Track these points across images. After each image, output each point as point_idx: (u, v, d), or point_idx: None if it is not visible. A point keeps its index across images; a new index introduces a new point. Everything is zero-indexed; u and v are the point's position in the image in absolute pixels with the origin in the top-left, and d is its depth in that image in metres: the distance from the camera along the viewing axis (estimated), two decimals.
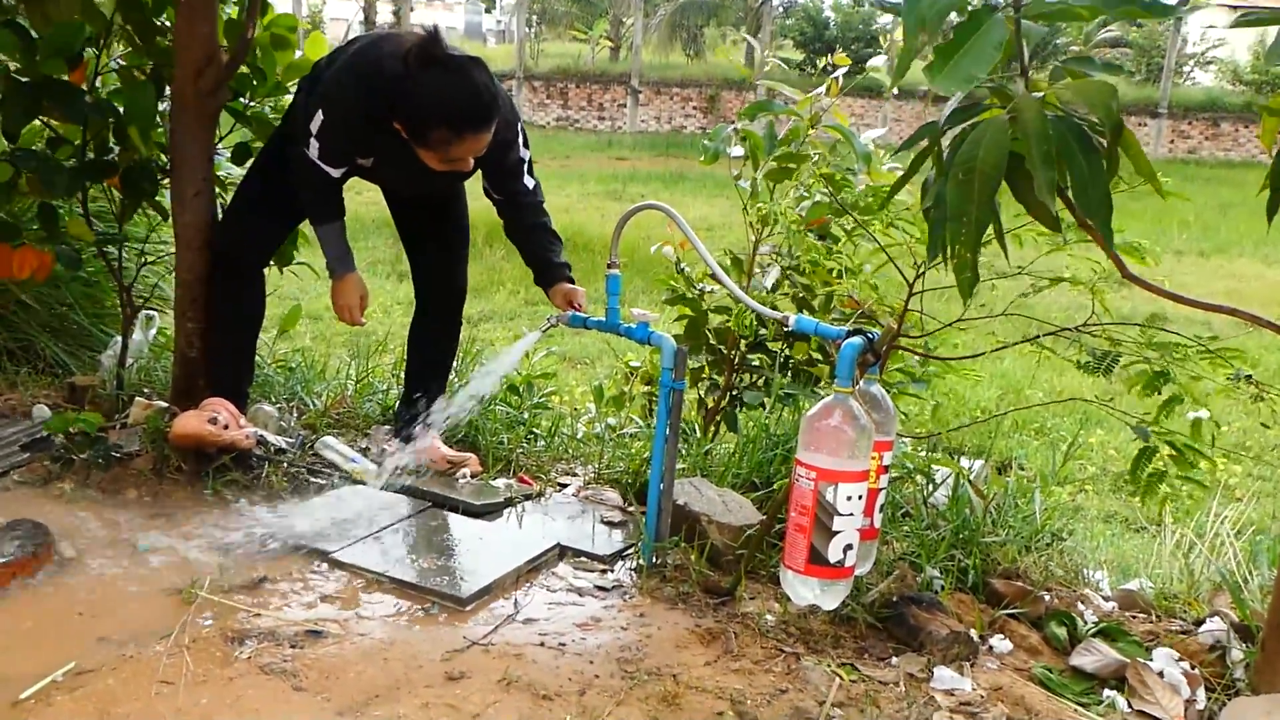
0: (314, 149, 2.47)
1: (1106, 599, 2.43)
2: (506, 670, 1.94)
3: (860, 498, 1.95)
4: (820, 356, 3.34)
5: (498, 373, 2.63)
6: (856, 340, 1.99)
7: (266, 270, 2.89)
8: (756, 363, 3.37)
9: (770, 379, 3.34)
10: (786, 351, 3.28)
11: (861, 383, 2.07)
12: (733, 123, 3.09)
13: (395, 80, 2.35)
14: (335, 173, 2.53)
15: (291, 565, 2.30)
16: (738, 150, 3.11)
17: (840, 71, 3.12)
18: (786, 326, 2.13)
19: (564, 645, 2.05)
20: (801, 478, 1.96)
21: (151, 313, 3.52)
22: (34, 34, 2.65)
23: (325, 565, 2.31)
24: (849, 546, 1.96)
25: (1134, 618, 2.36)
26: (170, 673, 1.86)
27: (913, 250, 2.36)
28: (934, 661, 2.08)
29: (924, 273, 2.31)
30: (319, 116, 2.44)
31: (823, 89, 3.11)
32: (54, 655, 1.89)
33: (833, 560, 1.96)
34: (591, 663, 1.99)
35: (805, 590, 2.01)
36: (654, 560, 2.37)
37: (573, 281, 2.76)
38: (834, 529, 1.94)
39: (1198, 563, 2.58)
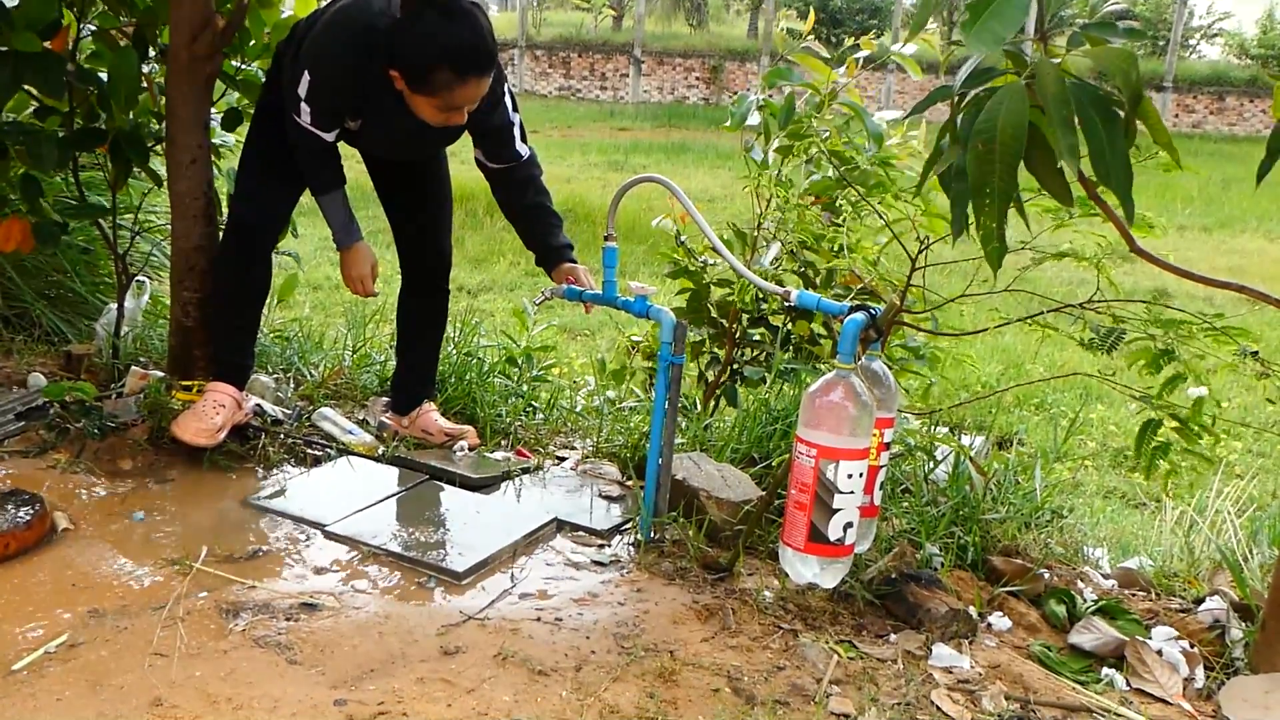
0: (305, 114, 2.43)
1: (1106, 577, 2.42)
2: (502, 645, 1.92)
3: (861, 475, 1.94)
4: (823, 332, 3.32)
5: None
6: (859, 316, 1.97)
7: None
8: (758, 337, 3.34)
9: (771, 354, 3.32)
10: (788, 327, 3.26)
11: (863, 359, 2.05)
12: (752, 92, 3.05)
13: (391, 28, 2.31)
14: (328, 136, 2.48)
15: (288, 537, 2.29)
16: (755, 118, 3.07)
17: (862, 55, 3.08)
18: (788, 301, 2.11)
19: (560, 620, 2.04)
20: (802, 455, 1.94)
21: (142, 280, 3.49)
22: (5, 4, 2.60)
23: (321, 538, 2.29)
24: (849, 524, 1.95)
25: (1133, 595, 2.36)
26: (164, 645, 1.84)
27: (916, 224, 2.33)
28: (932, 639, 2.07)
29: (927, 247, 2.28)
30: (305, 79, 2.40)
31: (842, 68, 3.07)
32: (47, 627, 1.88)
33: (833, 538, 1.94)
34: (588, 638, 1.98)
35: (804, 568, 1.99)
36: (652, 535, 2.36)
37: (575, 261, 2.71)
38: (834, 507, 1.92)
39: (1197, 540, 2.57)
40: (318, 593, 2.06)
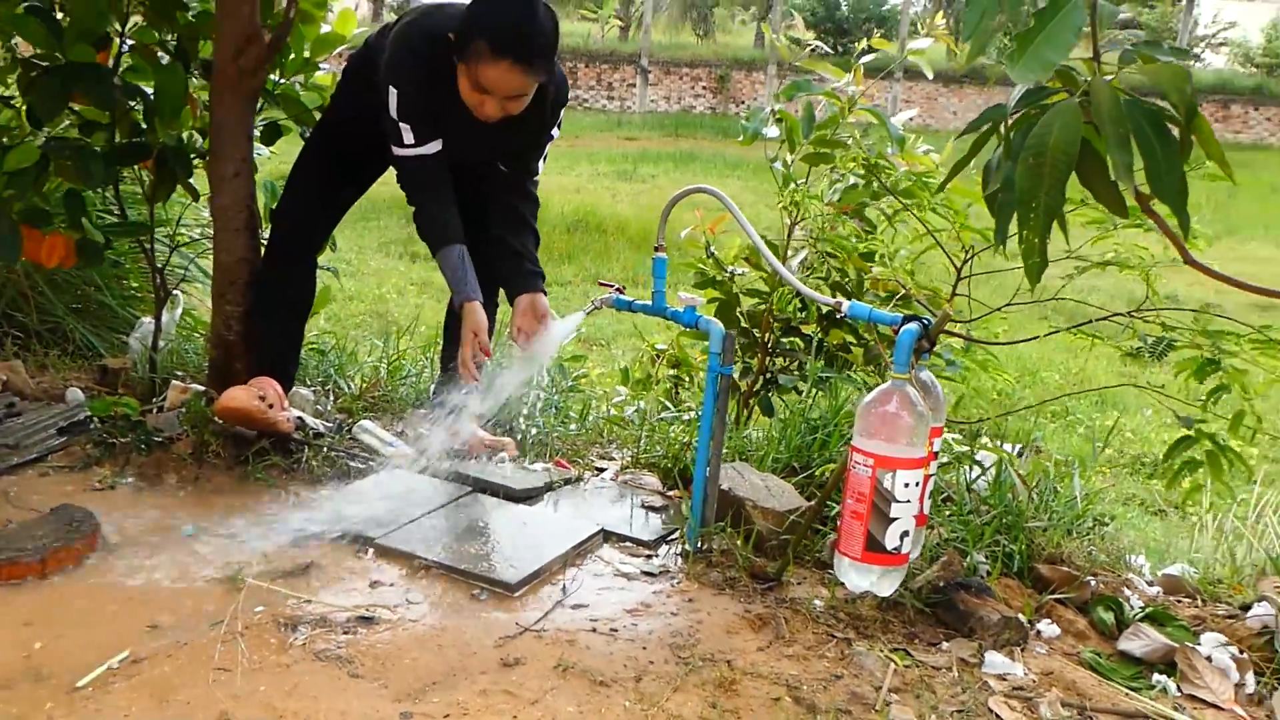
0: (407, 134, 2.45)
1: (1150, 584, 2.42)
2: (561, 656, 1.93)
3: (917, 484, 1.95)
4: (853, 340, 3.33)
5: (543, 355, 2.60)
6: (913, 327, 1.98)
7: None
8: (789, 346, 3.35)
9: (803, 362, 3.33)
10: (820, 335, 3.27)
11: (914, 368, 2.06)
12: (757, 103, 3.07)
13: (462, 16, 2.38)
14: (435, 147, 2.50)
15: (337, 551, 2.30)
16: (773, 131, 3.09)
17: (867, 57, 3.10)
18: (840, 313, 2.12)
19: (616, 631, 2.05)
20: (859, 464, 1.95)
21: (175, 293, 3.51)
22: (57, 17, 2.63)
23: (371, 551, 2.30)
24: (905, 533, 1.96)
25: (1179, 602, 2.36)
26: (225, 660, 1.85)
27: (959, 235, 2.35)
28: (985, 646, 2.08)
29: (971, 258, 2.30)
30: (393, 96, 2.42)
31: (849, 76, 3.09)
32: (107, 642, 1.89)
33: (890, 547, 1.95)
34: (645, 648, 1.99)
35: (860, 578, 2.00)
36: (699, 546, 2.37)
37: (545, 293, 2.68)
38: (891, 516, 1.94)
39: (1239, 547, 2.57)
40: (373, 606, 2.07)
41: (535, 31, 2.34)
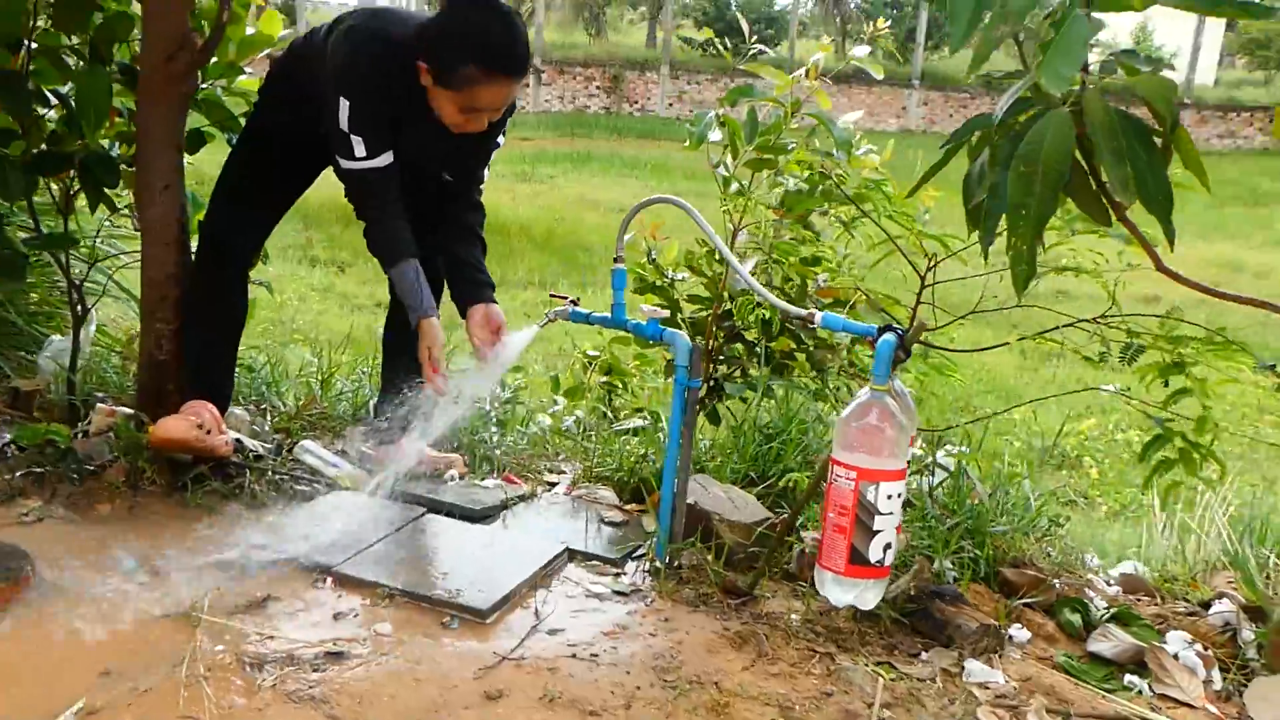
0: (358, 147, 2.34)
1: (1109, 583, 2.47)
2: (545, 686, 1.87)
3: (899, 496, 1.94)
4: (795, 347, 3.33)
5: (501, 368, 2.52)
6: (890, 337, 1.97)
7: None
8: (733, 354, 3.33)
9: (746, 369, 3.31)
10: (764, 342, 3.25)
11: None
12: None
13: (424, 23, 2.32)
14: (386, 159, 2.40)
15: (293, 582, 2.18)
16: (716, 135, 3.06)
17: (817, 57, 3.09)
18: (812, 324, 2.10)
19: (596, 656, 1.99)
20: (840, 478, 1.93)
21: (90, 310, 3.32)
22: None
23: (329, 580, 2.19)
24: (888, 545, 1.95)
25: (1139, 600, 2.41)
26: (192, 706, 1.74)
27: (919, 242, 2.35)
28: (964, 655, 2.09)
29: (935, 265, 2.30)
30: (344, 108, 2.31)
31: (801, 71, 3.08)
32: (57, 692, 1.75)
33: (873, 560, 1.94)
34: (629, 673, 1.94)
35: (844, 592, 1.98)
36: (669, 562, 2.33)
37: (496, 303, 2.61)
38: (875, 528, 1.92)
39: (1188, 543, 2.64)
40: (340, 640, 1.97)
41: (518, 41, 2.31)
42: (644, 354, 3.99)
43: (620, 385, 4.00)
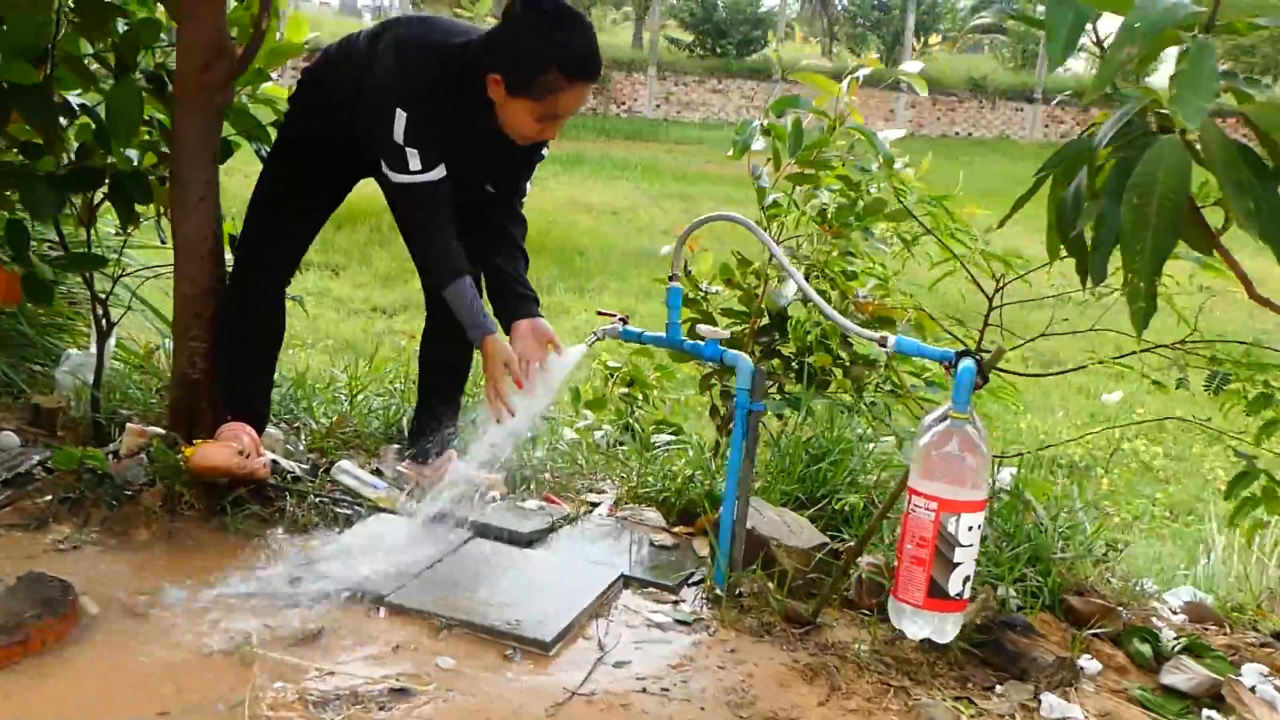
0: (414, 160, 2.27)
1: (1174, 612, 2.42)
2: None
3: (979, 527, 1.89)
4: (832, 361, 3.27)
5: (553, 385, 2.45)
6: (970, 363, 1.91)
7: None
8: (771, 370, 3.27)
9: (782, 385, 3.26)
10: (801, 358, 3.20)
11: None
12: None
13: (491, 37, 2.29)
14: (440, 172, 2.34)
15: (346, 613, 2.11)
16: (759, 144, 3.01)
17: (863, 71, 3.05)
18: (884, 348, 2.04)
19: (666, 690, 1.93)
20: (919, 508, 1.88)
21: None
22: None
23: (383, 611, 2.12)
24: (968, 578, 1.89)
25: (1207, 630, 2.36)
26: None
27: (985, 263, 2.30)
28: (1040, 689, 2.03)
29: (1002, 287, 2.25)
30: (399, 119, 2.24)
31: (845, 84, 3.03)
32: None
33: (953, 593, 1.89)
34: (703, 709, 1.88)
35: (920, 624, 1.93)
36: (730, 590, 2.26)
37: (543, 317, 2.55)
38: (955, 561, 1.87)
39: (1251, 568, 2.60)
40: (404, 675, 1.90)
41: (594, 43, 2.29)
42: (665, 366, 3.94)
43: (641, 397, 3.94)
